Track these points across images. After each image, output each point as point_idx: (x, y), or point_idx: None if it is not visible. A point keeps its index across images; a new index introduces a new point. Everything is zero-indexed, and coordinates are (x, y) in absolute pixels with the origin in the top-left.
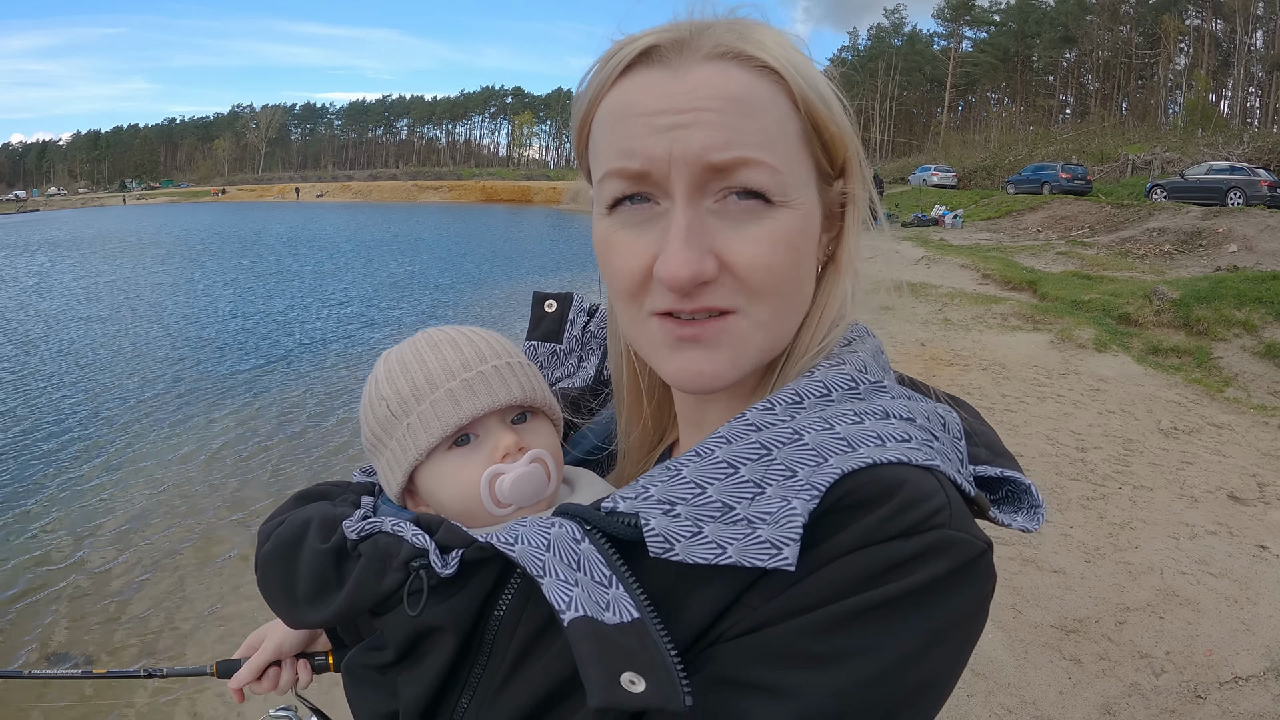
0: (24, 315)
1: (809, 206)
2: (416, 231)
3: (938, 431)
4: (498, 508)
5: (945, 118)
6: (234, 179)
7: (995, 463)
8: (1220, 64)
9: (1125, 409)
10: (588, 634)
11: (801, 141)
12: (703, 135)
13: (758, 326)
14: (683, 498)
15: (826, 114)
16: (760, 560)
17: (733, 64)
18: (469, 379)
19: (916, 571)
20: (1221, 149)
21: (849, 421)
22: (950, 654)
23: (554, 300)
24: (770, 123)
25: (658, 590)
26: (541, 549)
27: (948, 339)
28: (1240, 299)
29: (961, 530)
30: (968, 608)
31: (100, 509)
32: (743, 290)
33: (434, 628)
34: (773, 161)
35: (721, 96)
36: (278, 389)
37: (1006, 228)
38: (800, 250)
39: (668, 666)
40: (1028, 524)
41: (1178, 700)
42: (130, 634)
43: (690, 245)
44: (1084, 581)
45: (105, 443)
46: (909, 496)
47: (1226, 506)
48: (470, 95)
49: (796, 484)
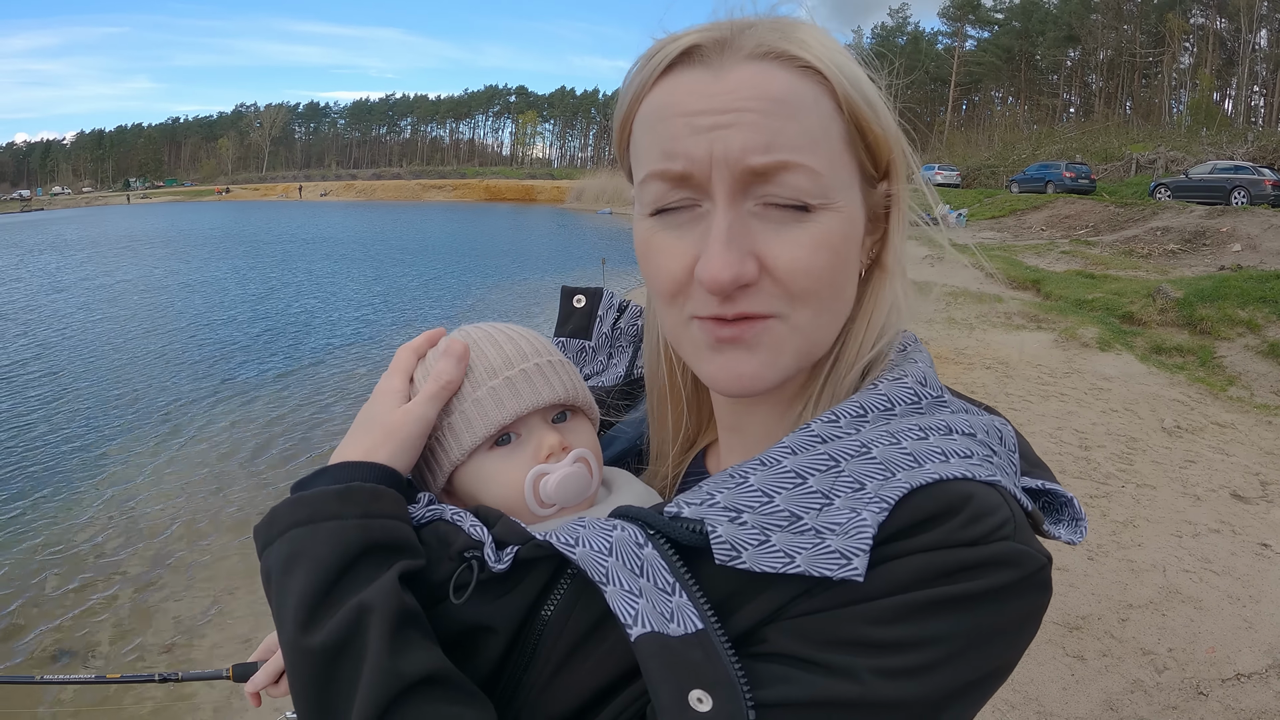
0: (44, 315)
1: (852, 209)
2: (425, 230)
3: (996, 445)
4: (541, 508)
5: (949, 117)
6: (238, 178)
7: (1034, 474)
8: (1225, 63)
9: (1129, 408)
10: (655, 651)
11: (845, 143)
12: (743, 136)
13: (796, 330)
14: (750, 506)
15: (871, 115)
16: (829, 570)
17: (775, 64)
18: (512, 377)
19: (982, 578)
20: (1226, 148)
21: (914, 437)
22: (1000, 659)
23: (583, 295)
24: (813, 124)
25: (717, 597)
26: (604, 553)
27: (951, 338)
28: (1244, 298)
29: (1025, 544)
30: (1024, 617)
31: (118, 509)
32: (783, 294)
33: (483, 626)
34: (814, 164)
35: (763, 97)
36: (300, 390)
37: (1010, 227)
38: (842, 254)
39: (732, 681)
40: (1071, 536)
41: (1180, 697)
42: (146, 637)
43: (731, 247)
44: (1087, 579)
45: (122, 443)
46: (976, 510)
47: (1229, 505)
48: (474, 94)
49: (865, 496)
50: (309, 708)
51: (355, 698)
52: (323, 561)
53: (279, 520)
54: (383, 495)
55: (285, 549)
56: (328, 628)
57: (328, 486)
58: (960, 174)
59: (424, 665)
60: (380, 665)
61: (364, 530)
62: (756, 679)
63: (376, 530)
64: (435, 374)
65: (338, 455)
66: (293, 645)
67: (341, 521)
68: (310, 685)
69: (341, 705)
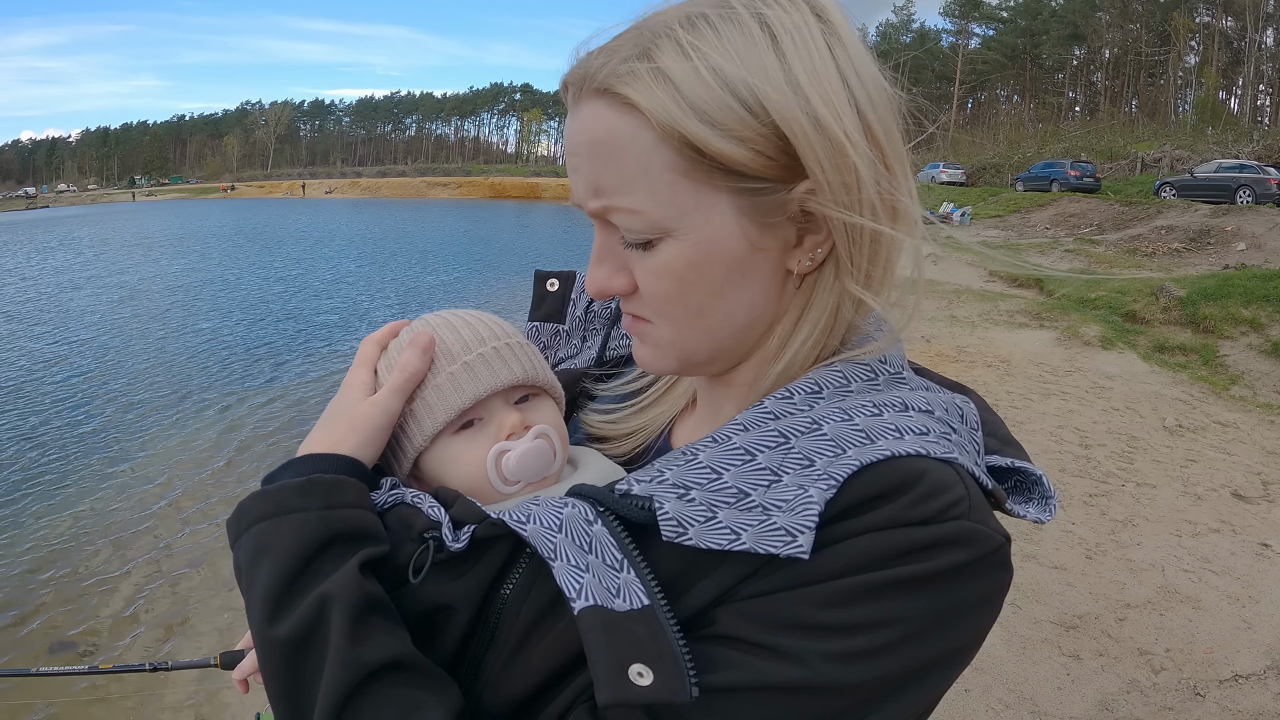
0: (71, 312)
1: (707, 230)
2: (435, 229)
3: (955, 423)
4: (505, 485)
5: (954, 115)
6: (243, 175)
7: (1005, 452)
8: (1230, 61)
9: (1130, 406)
10: (597, 625)
11: (676, 171)
12: (580, 181)
13: (666, 340)
14: (698, 482)
15: (706, 133)
16: (774, 547)
17: (601, 102)
18: (470, 361)
19: (933, 559)
20: (1231, 147)
21: (867, 413)
22: (957, 641)
23: (556, 279)
24: (628, 163)
25: (667, 575)
26: (554, 529)
27: (953, 335)
28: (1247, 297)
29: (980, 522)
30: (981, 598)
31: (110, 503)
32: (648, 308)
33: (445, 606)
34: (632, 205)
35: (587, 142)
36: (297, 385)
37: (1015, 225)
38: (692, 281)
39: (675, 656)
40: (1040, 515)
41: (1177, 697)
42: (136, 628)
43: (600, 264)
44: (1085, 578)
45: (125, 436)
46: (929, 487)
47: (1230, 504)
48: (479, 92)
49: (814, 473)
50: (279, 696)
51: (320, 685)
52: (287, 553)
53: (246, 514)
54: (344, 486)
55: (252, 542)
56: (292, 619)
57: (291, 480)
58: (965, 172)
59: (386, 651)
60: (342, 653)
61: (326, 521)
62: (704, 662)
63: (338, 521)
64: (400, 365)
65: (304, 448)
66: (261, 636)
67: (304, 514)
68: (278, 674)
69: (308, 693)
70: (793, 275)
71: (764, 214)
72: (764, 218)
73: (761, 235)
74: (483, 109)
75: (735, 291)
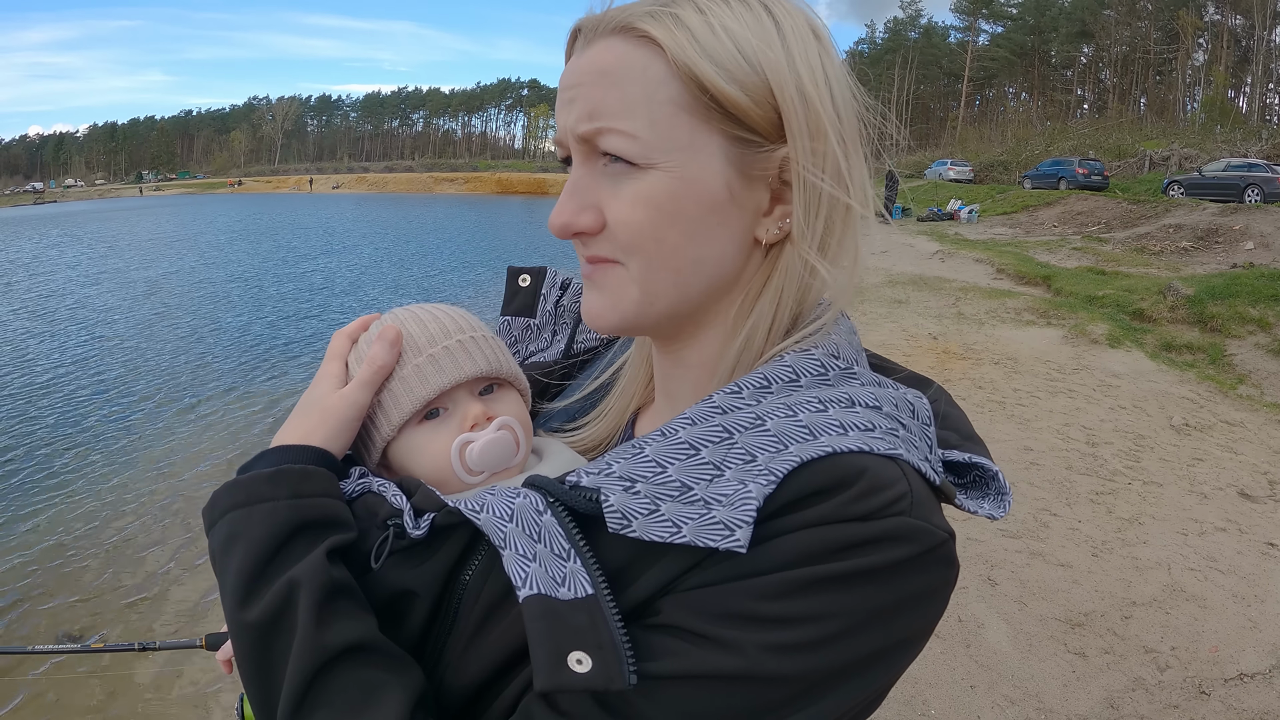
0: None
1: (692, 170)
2: (444, 225)
3: (905, 419)
4: (470, 475)
5: (962, 112)
6: (250, 171)
7: (964, 448)
8: (1239, 60)
9: (1137, 405)
10: (540, 613)
11: (679, 106)
12: (576, 109)
13: (632, 280)
14: (643, 475)
15: (718, 74)
16: (713, 541)
17: (618, 38)
18: (435, 354)
19: (872, 554)
20: (1240, 145)
21: (812, 409)
22: (896, 636)
23: (528, 275)
24: (634, 91)
25: (614, 565)
26: (505, 519)
27: (960, 333)
28: (1255, 296)
29: (922, 519)
30: (922, 593)
31: (102, 489)
32: (617, 244)
33: (407, 591)
34: (628, 128)
35: (594, 70)
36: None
37: (1022, 222)
38: (669, 213)
39: (615, 645)
40: (994, 511)
41: (1182, 696)
42: (127, 610)
43: (570, 199)
44: (1091, 575)
45: (128, 428)
46: (869, 484)
47: (1236, 504)
48: (486, 87)
49: (755, 469)
50: (249, 677)
51: (287, 667)
52: (257, 541)
53: (219, 503)
54: (313, 475)
55: (225, 530)
56: (261, 604)
57: (261, 470)
58: (973, 169)
59: (350, 635)
60: (308, 636)
61: (294, 510)
62: (644, 650)
63: (306, 509)
64: (369, 359)
65: (277, 439)
66: (233, 621)
67: (274, 503)
68: (249, 657)
69: (277, 675)
70: (760, 246)
71: (748, 166)
72: (748, 169)
73: (742, 188)
74: (490, 104)
75: (707, 236)
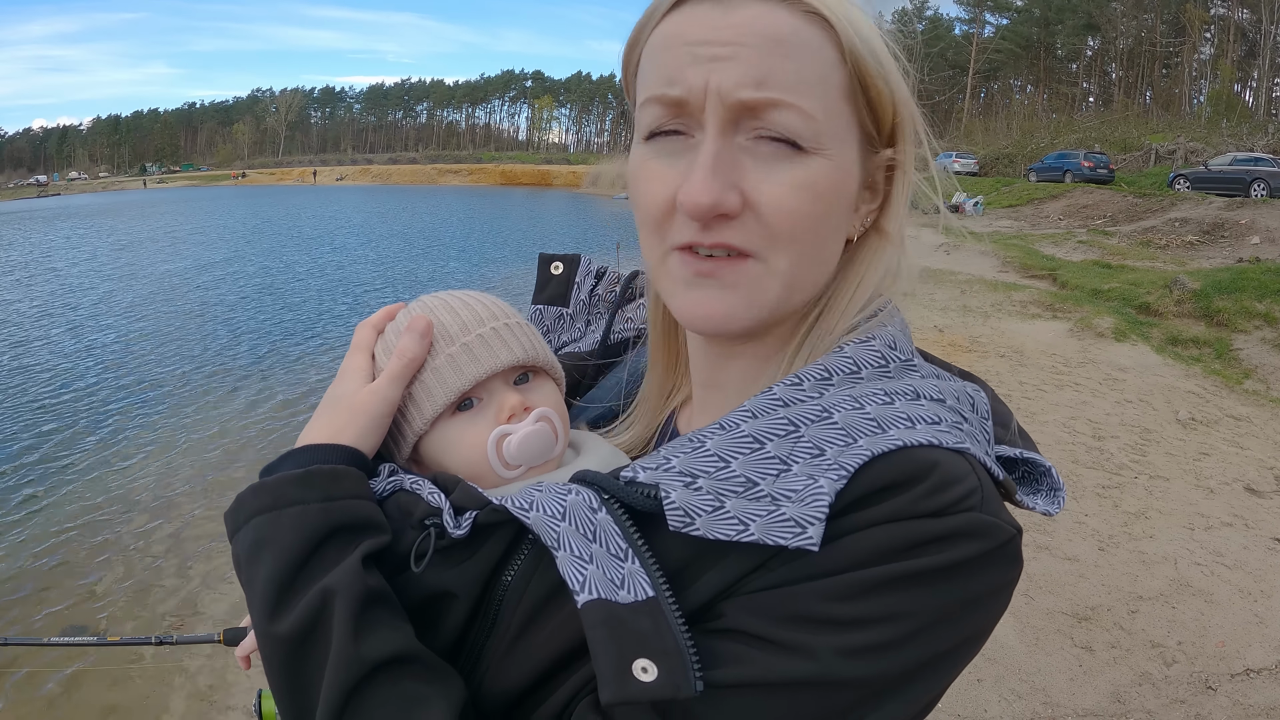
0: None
1: (845, 162)
2: (450, 216)
3: (967, 412)
4: (506, 469)
5: (968, 104)
6: (254, 163)
7: (1014, 443)
8: (1246, 54)
9: (1143, 399)
10: (601, 619)
11: (843, 95)
12: (739, 70)
13: (774, 275)
14: (705, 471)
15: (876, 71)
16: (783, 539)
17: (782, 6)
18: (469, 342)
19: (945, 551)
20: (1246, 139)
21: (879, 401)
22: (964, 635)
23: (560, 262)
24: (810, 69)
25: (673, 565)
26: (557, 517)
27: (966, 325)
28: (1262, 290)
29: (992, 514)
30: (991, 591)
31: (123, 482)
32: (763, 233)
33: (445, 592)
34: (806, 106)
35: (764, 34)
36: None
37: (1028, 215)
38: (828, 202)
39: (680, 651)
40: (1049, 507)
41: (1188, 690)
42: (145, 604)
43: (715, 174)
44: (1097, 570)
45: (136, 421)
46: (942, 478)
47: (1243, 498)
48: (490, 79)
49: (824, 463)
50: (281, 691)
51: (323, 682)
52: (287, 548)
53: (244, 507)
54: (344, 476)
55: (251, 535)
56: (294, 615)
57: (289, 471)
58: (978, 162)
59: (389, 647)
60: (344, 650)
61: (326, 514)
62: (710, 656)
63: (338, 512)
64: (399, 351)
65: (304, 438)
66: (262, 632)
67: (304, 506)
68: (281, 671)
69: (312, 689)
70: (850, 242)
71: (868, 163)
72: (868, 166)
73: (859, 188)
74: (494, 96)
75: (838, 235)
